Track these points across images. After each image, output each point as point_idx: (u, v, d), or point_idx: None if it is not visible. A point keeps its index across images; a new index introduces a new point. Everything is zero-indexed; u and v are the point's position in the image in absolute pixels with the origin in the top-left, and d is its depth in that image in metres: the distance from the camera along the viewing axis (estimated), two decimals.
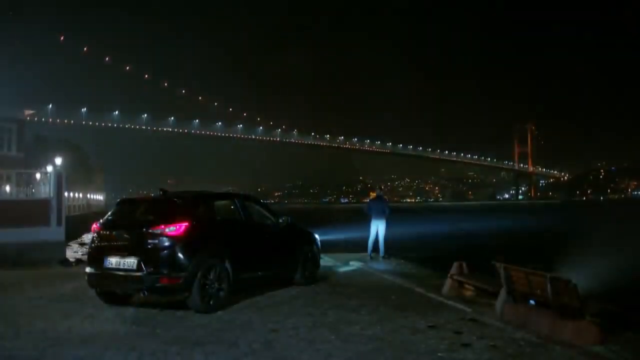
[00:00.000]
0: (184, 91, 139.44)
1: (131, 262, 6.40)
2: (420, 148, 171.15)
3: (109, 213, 7.43)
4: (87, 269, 6.90)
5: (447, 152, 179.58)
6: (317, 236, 9.37)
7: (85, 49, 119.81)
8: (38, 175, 16.80)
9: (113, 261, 6.54)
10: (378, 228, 12.35)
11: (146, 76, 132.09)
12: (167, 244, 6.38)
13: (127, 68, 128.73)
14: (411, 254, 14.84)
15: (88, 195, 40.47)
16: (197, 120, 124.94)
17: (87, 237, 22.23)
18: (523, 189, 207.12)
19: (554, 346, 5.06)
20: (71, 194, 30.90)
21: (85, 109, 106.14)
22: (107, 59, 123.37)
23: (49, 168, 15.93)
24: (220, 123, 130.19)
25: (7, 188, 16.13)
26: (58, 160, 15.92)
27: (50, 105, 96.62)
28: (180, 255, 6.39)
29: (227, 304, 6.83)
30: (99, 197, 50.30)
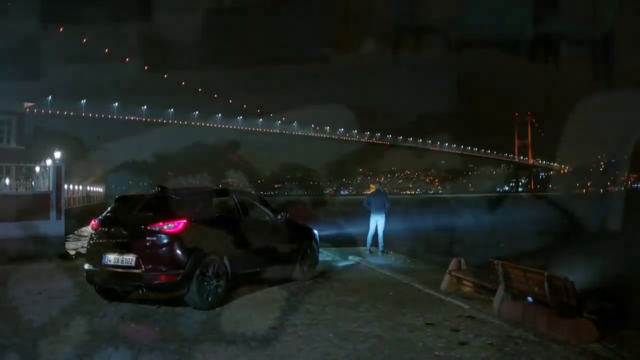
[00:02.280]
0: (183, 83, 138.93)
1: (129, 259, 6.41)
2: (420, 140, 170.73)
3: (108, 210, 7.43)
4: (86, 266, 6.92)
5: (446, 144, 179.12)
6: (315, 231, 9.37)
7: (84, 40, 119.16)
8: (37, 169, 16.74)
9: (111, 258, 6.55)
10: (377, 222, 12.34)
11: (146, 68, 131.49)
12: (165, 241, 6.40)
13: (127, 60, 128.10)
14: (410, 248, 14.86)
15: (88, 188, 40.44)
16: (196, 112, 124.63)
17: (87, 231, 22.23)
18: (523, 181, 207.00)
19: (551, 344, 5.07)
20: (71, 187, 30.90)
21: (84, 100, 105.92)
22: (106, 50, 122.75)
23: (49, 161, 15.86)
24: (220, 115, 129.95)
25: (7, 181, 16.09)
26: (57, 154, 15.86)
27: (50, 97, 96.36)
28: (179, 252, 6.40)
29: (226, 300, 6.85)
30: (99, 189, 50.23)
